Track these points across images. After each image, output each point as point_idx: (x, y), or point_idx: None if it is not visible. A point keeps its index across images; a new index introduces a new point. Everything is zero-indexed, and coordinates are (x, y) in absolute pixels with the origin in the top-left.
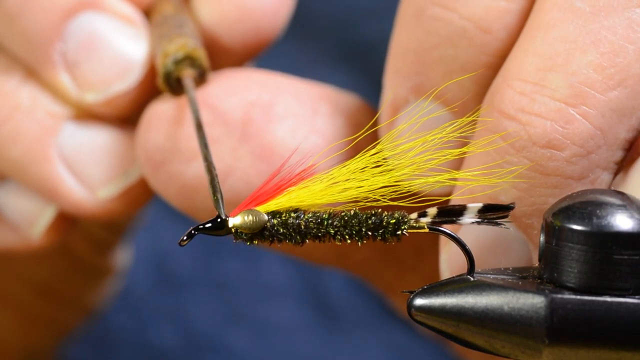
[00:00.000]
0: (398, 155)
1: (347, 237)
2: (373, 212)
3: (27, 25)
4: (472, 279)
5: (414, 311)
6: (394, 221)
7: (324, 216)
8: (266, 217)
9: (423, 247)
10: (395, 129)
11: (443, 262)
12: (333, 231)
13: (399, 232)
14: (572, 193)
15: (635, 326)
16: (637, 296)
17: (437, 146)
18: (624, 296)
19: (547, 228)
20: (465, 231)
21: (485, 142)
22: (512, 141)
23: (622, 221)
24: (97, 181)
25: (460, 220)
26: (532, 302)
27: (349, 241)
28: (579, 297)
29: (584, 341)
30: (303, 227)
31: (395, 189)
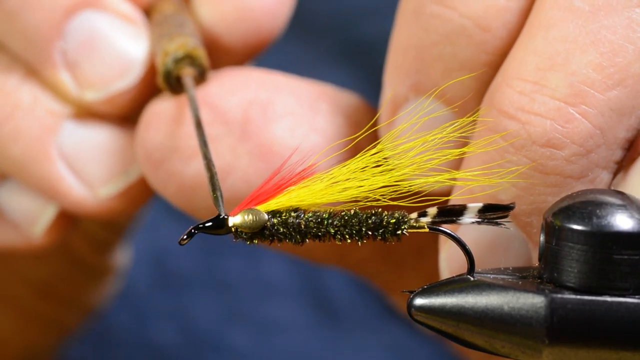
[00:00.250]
0: (398, 154)
1: (347, 237)
2: (373, 212)
3: (28, 23)
4: (472, 279)
5: (414, 311)
6: (394, 221)
7: (324, 216)
8: (266, 217)
9: (423, 246)
10: (395, 129)
11: (442, 262)
12: (333, 231)
13: (399, 232)
14: (572, 193)
15: (635, 326)
16: (637, 296)
17: (438, 145)
18: (624, 296)
19: (547, 228)
20: (464, 231)
21: (485, 142)
22: (512, 140)
23: (622, 221)
24: (98, 180)
25: (460, 220)
26: (532, 302)
27: (349, 241)
28: (579, 297)
29: (584, 341)
30: (303, 227)
31: (395, 189)
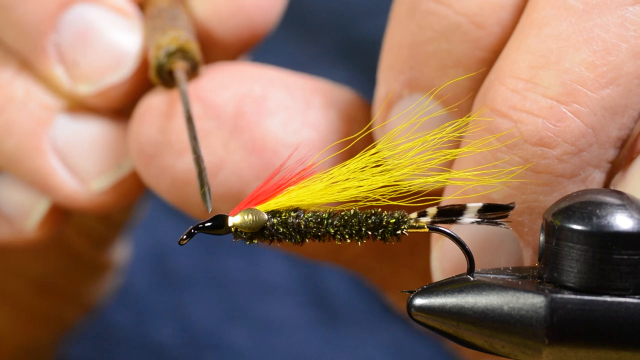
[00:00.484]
0: (395, 154)
1: (347, 237)
2: (373, 212)
3: (21, 16)
4: (472, 279)
5: (414, 311)
6: (394, 221)
7: (324, 215)
8: (266, 217)
9: (418, 243)
10: (393, 129)
11: (434, 261)
12: (333, 231)
13: (399, 232)
14: (572, 193)
15: (635, 326)
16: (637, 296)
17: (432, 144)
18: (624, 296)
19: (547, 228)
20: (456, 230)
21: (477, 140)
22: (504, 139)
23: (622, 221)
24: (90, 173)
25: (460, 220)
26: (532, 302)
27: (349, 241)
28: (579, 297)
29: (584, 341)
30: (303, 227)
31: (395, 189)
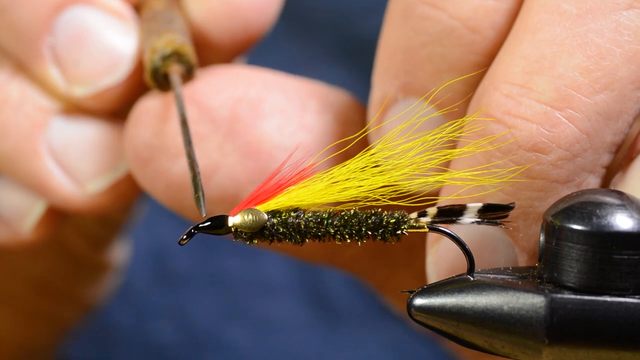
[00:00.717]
0: (391, 155)
1: (347, 237)
2: (373, 212)
3: (17, 18)
4: (472, 279)
5: (414, 311)
6: (394, 221)
7: (324, 215)
8: (266, 217)
9: (414, 244)
10: (391, 131)
11: (430, 264)
12: (333, 231)
13: (399, 232)
14: (572, 193)
15: (635, 326)
16: (637, 296)
17: (427, 148)
18: (624, 296)
19: (547, 228)
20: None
21: (472, 145)
22: (499, 144)
23: (622, 221)
24: (86, 175)
25: (460, 220)
26: (532, 302)
27: (349, 241)
28: (579, 297)
29: (584, 341)
30: (303, 227)
31: (395, 189)
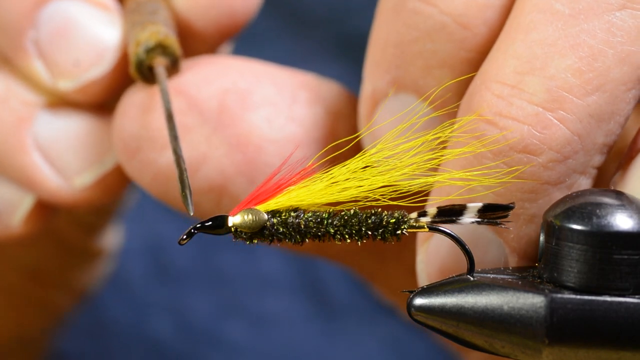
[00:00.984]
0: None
1: (347, 237)
2: (373, 212)
3: None
4: (472, 279)
5: (414, 311)
6: (394, 221)
7: (324, 215)
8: (266, 216)
9: (405, 237)
10: (381, 128)
11: (419, 264)
12: (333, 230)
13: (399, 232)
14: (572, 193)
15: (635, 326)
16: (637, 296)
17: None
18: (624, 296)
19: (547, 228)
20: (442, 237)
21: (463, 148)
22: (489, 145)
23: (622, 221)
24: (73, 170)
25: (460, 220)
26: (532, 302)
27: (349, 240)
28: (579, 297)
29: (584, 341)
30: (303, 227)
31: (394, 189)
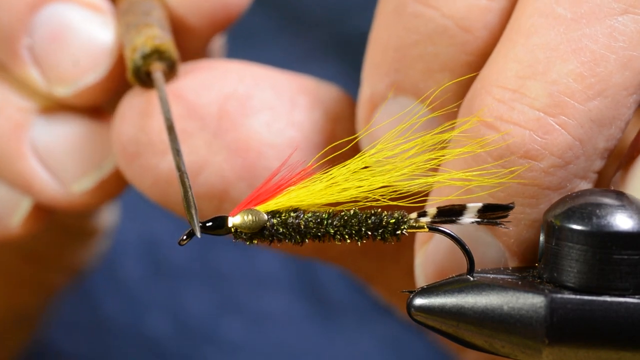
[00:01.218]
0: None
1: (347, 237)
2: (373, 212)
3: None
4: (472, 279)
5: (414, 311)
6: (394, 221)
7: (324, 216)
8: (266, 217)
9: (403, 238)
10: (381, 130)
11: (417, 267)
12: (333, 231)
13: (399, 232)
14: (572, 193)
15: (635, 326)
16: (637, 296)
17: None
18: (624, 296)
19: (547, 228)
20: (440, 239)
21: (463, 150)
22: (490, 150)
23: (622, 221)
24: (71, 176)
25: (460, 220)
26: (532, 302)
27: (349, 241)
28: (579, 297)
29: (584, 341)
30: (303, 227)
31: (394, 189)
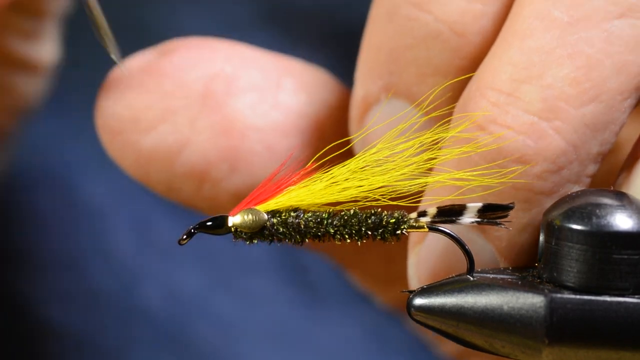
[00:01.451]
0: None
1: (347, 237)
2: (373, 212)
3: None
4: (472, 279)
5: (414, 311)
6: (394, 221)
7: (324, 215)
8: (266, 216)
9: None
10: (375, 132)
11: (411, 267)
12: (333, 230)
13: (399, 232)
14: (572, 193)
15: (635, 326)
16: (637, 296)
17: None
18: (624, 296)
19: (547, 228)
20: (434, 239)
21: (457, 152)
22: (484, 153)
23: (622, 221)
24: None
25: (460, 220)
26: (532, 302)
27: (349, 240)
28: (579, 297)
29: (584, 341)
30: (303, 227)
31: (394, 189)
